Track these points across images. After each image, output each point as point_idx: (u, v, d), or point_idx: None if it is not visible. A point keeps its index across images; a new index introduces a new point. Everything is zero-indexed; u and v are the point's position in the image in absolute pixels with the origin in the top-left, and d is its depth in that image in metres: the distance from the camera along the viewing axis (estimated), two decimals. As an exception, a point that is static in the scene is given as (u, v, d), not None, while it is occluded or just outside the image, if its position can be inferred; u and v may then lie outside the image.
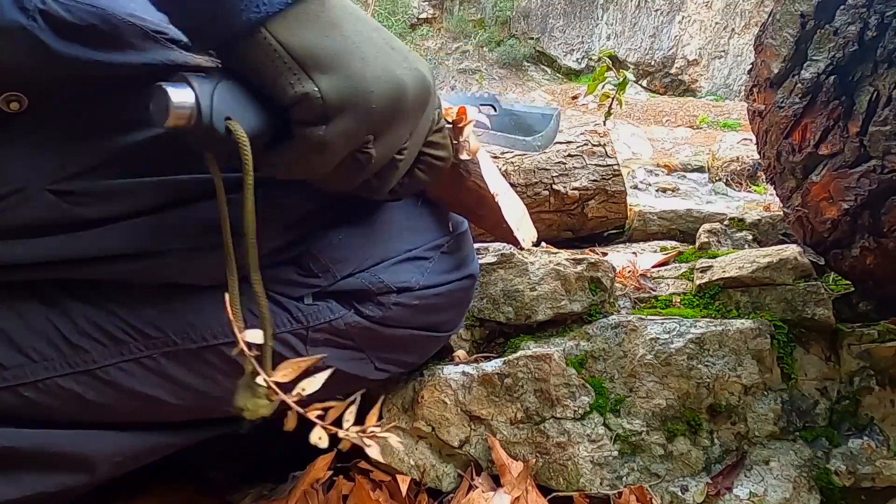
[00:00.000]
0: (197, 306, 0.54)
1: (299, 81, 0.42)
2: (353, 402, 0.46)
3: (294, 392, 0.44)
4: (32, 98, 0.46)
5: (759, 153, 0.93)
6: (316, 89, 0.42)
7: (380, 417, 0.47)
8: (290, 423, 0.43)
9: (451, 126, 0.60)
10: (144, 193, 0.49)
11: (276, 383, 0.44)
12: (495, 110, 0.72)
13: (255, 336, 0.44)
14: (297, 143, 0.44)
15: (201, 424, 0.61)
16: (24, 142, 0.47)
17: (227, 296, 0.44)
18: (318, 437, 0.43)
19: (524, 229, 0.68)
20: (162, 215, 0.50)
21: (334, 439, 0.44)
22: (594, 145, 1.31)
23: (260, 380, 0.43)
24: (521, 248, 0.68)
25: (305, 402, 0.44)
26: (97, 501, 0.67)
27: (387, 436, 0.46)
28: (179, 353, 0.53)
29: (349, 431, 0.45)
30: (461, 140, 0.60)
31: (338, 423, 0.45)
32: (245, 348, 0.43)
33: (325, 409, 0.44)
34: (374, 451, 0.45)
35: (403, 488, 0.68)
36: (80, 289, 0.51)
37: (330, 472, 0.69)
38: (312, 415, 0.43)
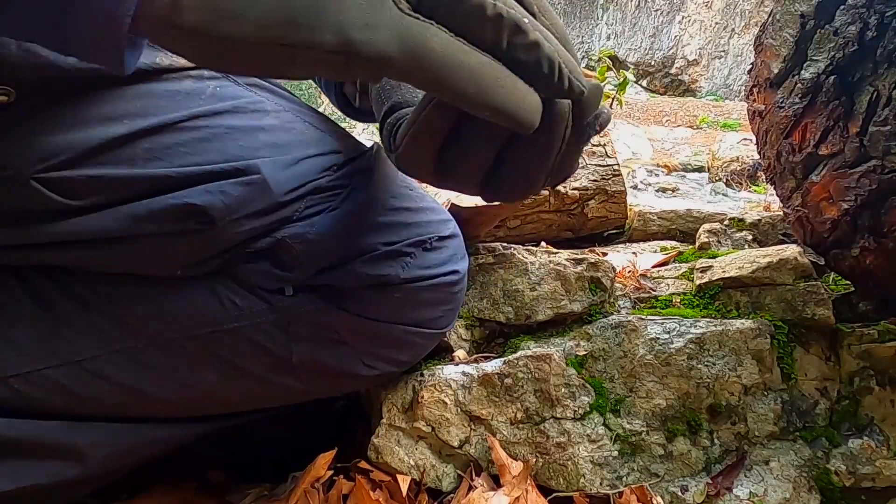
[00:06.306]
0: (179, 298, 0.54)
1: None
2: None
3: None
4: (21, 92, 0.47)
5: (759, 153, 0.93)
6: None
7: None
8: None
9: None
10: (125, 185, 0.50)
11: None
12: None
13: None
14: None
15: (194, 419, 0.61)
16: (11, 132, 0.48)
17: None
18: None
19: None
20: (135, 204, 0.50)
21: None
22: (594, 145, 1.31)
23: None
24: None
25: None
26: (97, 502, 0.67)
27: None
28: (162, 343, 0.54)
29: None
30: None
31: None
32: None
33: None
34: None
35: (403, 488, 0.68)
36: (68, 283, 0.52)
37: (330, 472, 0.69)
38: None
